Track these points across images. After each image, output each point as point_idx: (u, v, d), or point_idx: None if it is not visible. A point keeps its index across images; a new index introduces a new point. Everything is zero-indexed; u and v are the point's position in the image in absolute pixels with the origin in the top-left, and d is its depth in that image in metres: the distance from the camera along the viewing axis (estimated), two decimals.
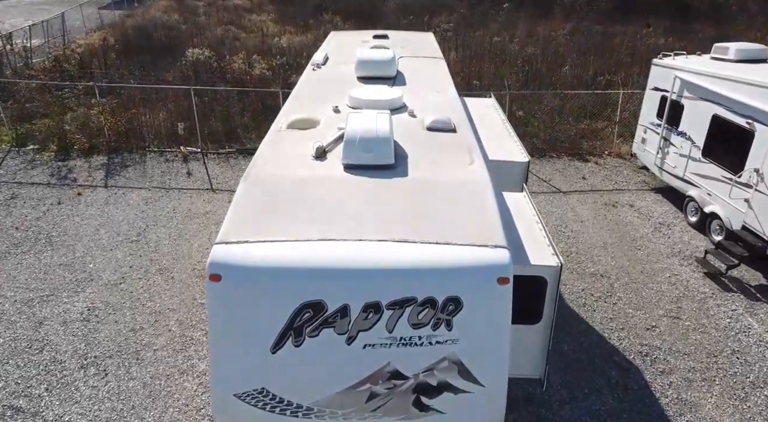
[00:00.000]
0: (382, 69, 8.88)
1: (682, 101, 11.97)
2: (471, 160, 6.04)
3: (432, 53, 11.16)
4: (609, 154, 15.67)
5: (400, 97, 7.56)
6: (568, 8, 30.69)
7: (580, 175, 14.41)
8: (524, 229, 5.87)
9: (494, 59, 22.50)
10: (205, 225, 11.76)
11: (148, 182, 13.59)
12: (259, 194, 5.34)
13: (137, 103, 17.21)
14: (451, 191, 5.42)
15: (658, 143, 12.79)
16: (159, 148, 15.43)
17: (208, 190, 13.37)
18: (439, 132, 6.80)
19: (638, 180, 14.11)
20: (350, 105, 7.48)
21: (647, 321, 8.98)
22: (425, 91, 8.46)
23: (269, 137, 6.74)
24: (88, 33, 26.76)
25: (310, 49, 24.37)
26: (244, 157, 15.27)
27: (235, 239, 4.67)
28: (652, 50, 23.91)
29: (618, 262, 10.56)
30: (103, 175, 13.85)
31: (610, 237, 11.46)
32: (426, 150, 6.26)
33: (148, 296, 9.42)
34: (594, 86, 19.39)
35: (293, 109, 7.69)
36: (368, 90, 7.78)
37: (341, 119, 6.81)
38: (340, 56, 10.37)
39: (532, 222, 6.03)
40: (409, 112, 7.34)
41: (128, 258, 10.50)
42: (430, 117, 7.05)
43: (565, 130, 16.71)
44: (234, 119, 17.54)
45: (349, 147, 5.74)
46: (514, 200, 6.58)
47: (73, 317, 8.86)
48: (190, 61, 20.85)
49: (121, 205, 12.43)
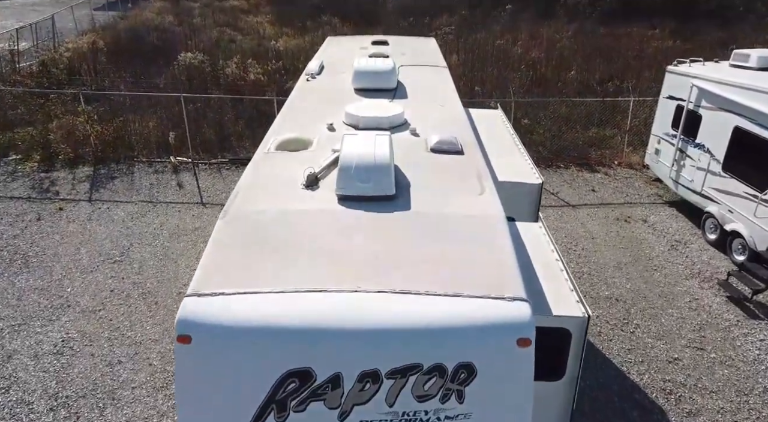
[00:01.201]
0: (382, 80, 8.17)
1: (699, 111, 11.28)
2: (481, 188, 5.35)
3: (434, 61, 10.46)
4: (619, 164, 14.99)
5: (401, 113, 6.86)
6: (571, 9, 30.05)
7: (589, 187, 13.73)
8: (542, 269, 5.17)
9: (497, 63, 21.84)
10: (194, 243, 11.06)
11: (135, 195, 12.89)
12: (240, 234, 4.66)
13: (126, 110, 16.53)
14: (460, 227, 4.73)
15: (673, 155, 12.09)
16: (148, 158, 14.73)
17: (198, 203, 12.68)
18: (444, 154, 6.10)
19: (651, 192, 13.43)
20: (346, 122, 6.79)
21: (669, 352, 8.30)
22: (428, 104, 7.77)
23: (255, 160, 6.04)
24: (79, 35, 26.05)
25: (307, 52, 23.69)
26: (237, 167, 14.58)
27: (209, 290, 3.97)
28: (660, 53, 23.28)
29: (634, 285, 9.88)
30: (87, 187, 13.14)
31: (623, 256, 10.77)
32: (430, 176, 5.56)
33: (128, 324, 8.73)
34: (602, 92, 18.71)
35: (284, 125, 7.00)
36: (366, 105, 7.08)
37: (336, 138, 6.13)
38: (337, 65, 9.67)
39: (551, 260, 5.34)
40: (411, 130, 6.64)
41: (109, 281, 9.80)
42: (435, 137, 6.35)
43: (573, 139, 16.04)
44: (227, 126, 16.87)
45: (344, 176, 5.04)
46: (528, 232, 5.88)
47: (46, 349, 8.16)
48: (182, 65, 20.17)
49: (104, 221, 11.73)
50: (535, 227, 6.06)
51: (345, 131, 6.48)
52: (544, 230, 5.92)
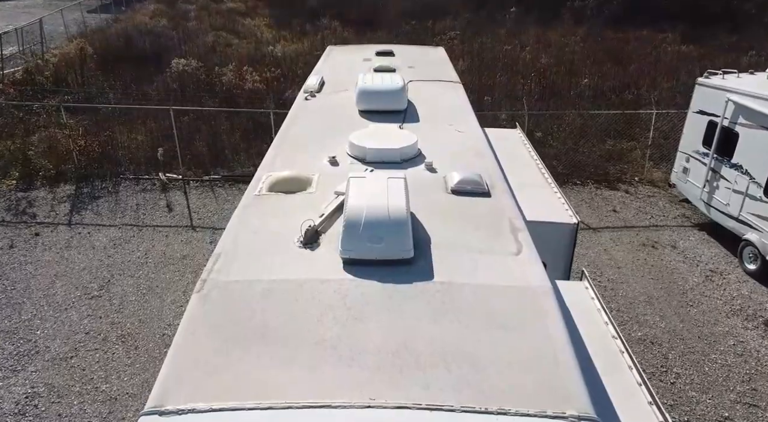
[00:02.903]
0: (390, 101, 7.15)
1: (736, 129, 10.30)
2: (518, 246, 4.34)
3: (446, 75, 9.46)
4: (640, 181, 14.00)
5: (414, 143, 5.84)
6: (578, 12, 29.13)
7: (609, 207, 12.74)
8: (600, 355, 4.15)
9: (505, 70, 20.87)
10: (181, 273, 10.08)
11: (119, 218, 11.90)
12: (219, 316, 3.66)
13: (114, 121, 15.54)
14: (498, 305, 3.73)
15: (704, 175, 11.11)
16: (135, 175, 13.74)
17: (188, 227, 11.69)
18: (468, 196, 5.11)
19: (677, 213, 12.44)
20: (351, 154, 5.77)
21: (717, 409, 7.31)
22: (443, 129, 6.76)
23: (244, 205, 5.03)
24: (69, 40, 25.07)
25: (306, 57, 22.72)
26: (230, 185, 13.60)
27: (174, 405, 2.99)
28: (676, 59, 22.32)
29: (669, 324, 8.90)
30: (67, 208, 12.15)
31: (654, 288, 9.80)
32: (453, 228, 4.55)
33: (103, 375, 7.74)
34: (619, 101, 17.73)
35: (279, 156, 6.00)
36: (373, 133, 6.08)
37: (340, 176, 5.14)
38: (339, 80, 8.67)
39: (607, 341, 4.34)
40: (427, 165, 5.62)
41: (85, 320, 8.81)
42: (455, 174, 5.32)
43: (589, 152, 15.07)
44: (221, 138, 15.89)
45: (351, 235, 4.03)
46: (572, 295, 4.86)
47: (6, 409, 7.16)
48: (175, 72, 19.19)
49: (84, 248, 10.74)
50: (580, 288, 5.05)
51: (349, 164, 5.52)
52: (592, 292, 4.91)
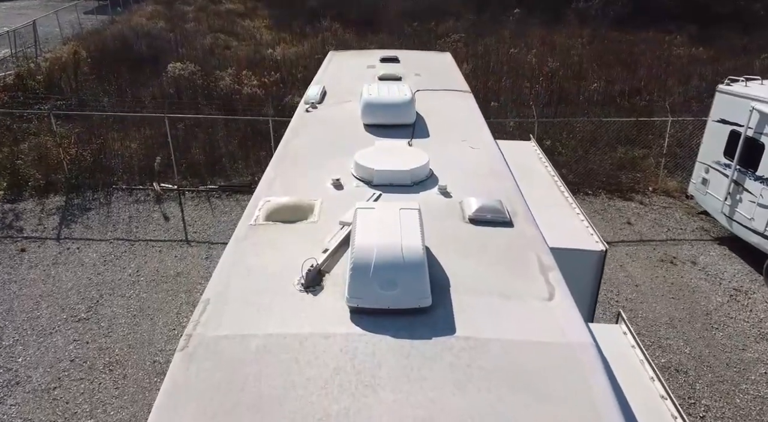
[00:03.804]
0: (398, 114, 6.57)
1: (762, 139, 9.77)
2: (549, 288, 3.75)
3: (455, 83, 8.89)
4: (654, 191, 13.48)
5: (425, 163, 5.28)
6: (583, 14, 28.63)
7: (624, 219, 12.21)
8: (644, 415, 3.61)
9: (511, 73, 20.35)
10: (174, 293, 9.55)
11: (110, 231, 11.37)
12: (205, 383, 3.11)
13: (107, 128, 15.01)
14: (530, 365, 3.18)
15: (726, 187, 10.59)
16: (129, 185, 13.21)
17: (182, 241, 11.16)
18: (488, 226, 4.56)
19: (695, 226, 11.91)
20: (357, 175, 5.20)
21: None
22: (456, 145, 6.21)
23: (238, 237, 4.46)
24: (65, 42, 24.54)
25: (306, 60, 22.17)
26: (227, 196, 13.06)
27: None
28: (687, 62, 21.79)
29: (694, 349, 8.37)
30: (56, 222, 11.62)
31: (676, 309, 9.26)
32: (474, 266, 3.96)
33: (88, 409, 7.21)
34: (630, 107, 17.20)
35: (278, 178, 5.45)
36: (380, 152, 5.52)
37: (345, 201, 4.60)
38: (342, 90, 8.11)
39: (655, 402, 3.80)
40: (441, 188, 5.03)
41: (71, 346, 8.28)
42: (474, 201, 4.73)
43: (600, 160, 14.54)
44: (219, 145, 15.36)
45: (359, 280, 3.45)
46: (609, 343, 4.30)
47: None
48: (172, 77, 18.65)
49: (72, 265, 10.21)
50: (616, 334, 4.48)
51: (355, 187, 4.96)
52: (631, 339, 4.35)
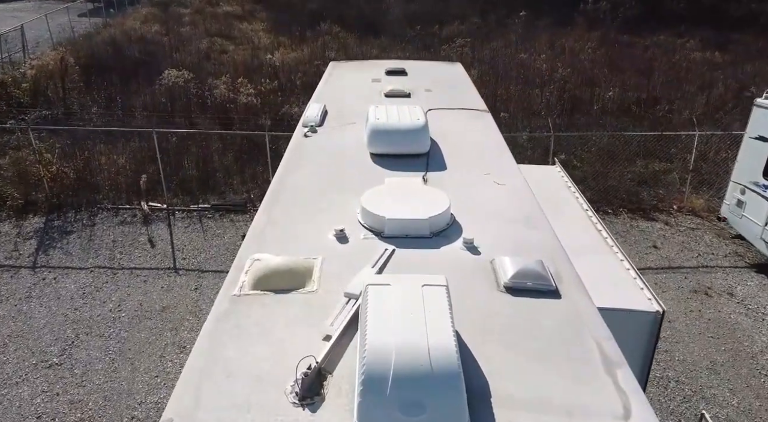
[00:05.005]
0: (410, 143, 5.58)
1: None
2: (623, 399, 2.79)
3: (470, 100, 7.90)
4: (679, 210, 12.51)
5: (446, 208, 4.27)
6: (591, 16, 27.68)
7: (649, 242, 11.26)
8: None
9: (520, 80, 19.41)
10: (159, 332, 8.61)
11: (91, 258, 10.43)
12: None
13: (94, 141, 14.07)
14: None
15: (767, 211, 9.67)
16: (115, 205, 12.27)
17: (170, 269, 10.22)
18: (529, 298, 3.59)
19: (728, 251, 10.96)
20: (364, 223, 4.23)
21: None
22: (478, 180, 5.23)
23: (216, 315, 3.44)
24: (55, 47, 23.60)
25: (306, 66, 21.26)
26: (220, 216, 12.12)
27: None
28: (705, 68, 20.85)
29: (742, 401, 7.43)
30: (33, 247, 10.68)
31: (716, 351, 8.33)
32: (517, 359, 3.01)
33: None
34: (645, 116, 16.27)
35: (269, 227, 4.50)
36: (392, 192, 4.56)
37: (350, 258, 3.67)
38: (345, 109, 7.15)
39: None
40: (466, 242, 4.02)
41: (38, 398, 7.34)
42: (508, 262, 3.68)
43: (619, 175, 13.60)
44: (213, 158, 14.43)
45: (373, 398, 2.43)
46: None
47: None
48: (165, 85, 17.72)
49: (47, 299, 9.27)
50: None
51: (362, 239, 3.98)
52: None
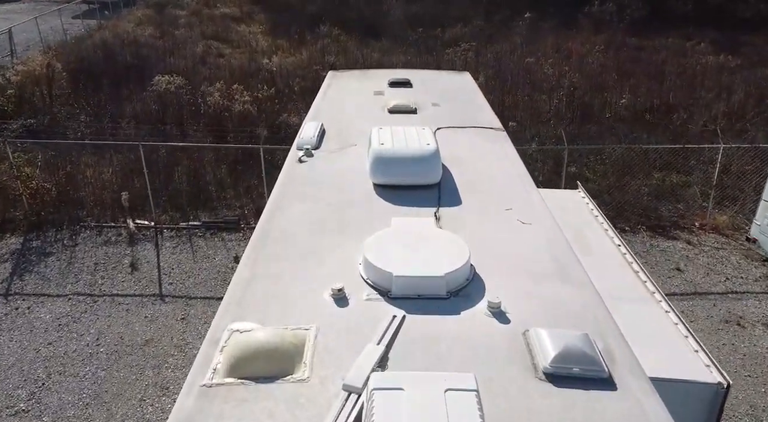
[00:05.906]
0: (419, 173, 4.78)
1: None
2: None
3: (483, 117, 7.06)
4: (702, 228, 11.73)
5: (465, 261, 3.46)
6: (597, 18, 26.97)
7: (671, 264, 10.47)
8: None
9: (527, 86, 18.65)
10: (140, 370, 7.84)
11: (70, 284, 9.65)
12: None
13: (78, 152, 13.32)
14: None
15: None
16: (98, 222, 11.50)
17: (155, 296, 9.45)
18: (576, 389, 2.81)
19: (758, 274, 10.17)
20: (367, 279, 3.44)
21: None
22: (498, 217, 4.44)
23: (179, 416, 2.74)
24: (45, 51, 22.85)
25: (305, 70, 20.52)
26: (211, 235, 11.34)
27: None
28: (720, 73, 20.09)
29: None
30: (7, 272, 9.90)
31: (755, 392, 7.55)
32: None
33: None
34: (658, 123, 15.51)
35: (251, 284, 3.68)
36: (399, 238, 3.74)
37: (350, 327, 2.94)
38: (345, 127, 6.36)
39: None
40: (492, 306, 3.26)
41: None
42: (547, 338, 2.85)
43: (635, 189, 12.83)
44: (205, 170, 13.67)
45: None
46: None
47: None
48: (156, 91, 16.96)
49: (20, 332, 8.50)
50: None
51: (365, 300, 3.23)
52: None
